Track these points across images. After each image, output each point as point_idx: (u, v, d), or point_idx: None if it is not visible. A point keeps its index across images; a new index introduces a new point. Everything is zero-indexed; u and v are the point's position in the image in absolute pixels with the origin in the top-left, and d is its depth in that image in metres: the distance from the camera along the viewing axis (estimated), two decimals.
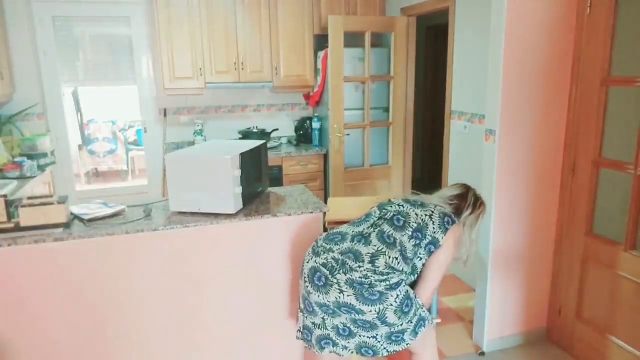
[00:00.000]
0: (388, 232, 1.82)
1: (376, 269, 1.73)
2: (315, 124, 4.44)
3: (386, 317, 1.72)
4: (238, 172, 2.01)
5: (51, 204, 1.83)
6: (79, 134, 6.16)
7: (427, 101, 5.92)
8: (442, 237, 1.82)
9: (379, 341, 1.79)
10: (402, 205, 1.91)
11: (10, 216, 1.81)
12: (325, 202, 3.75)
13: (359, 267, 1.73)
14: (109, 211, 2.03)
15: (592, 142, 2.38)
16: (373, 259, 1.75)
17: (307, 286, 1.80)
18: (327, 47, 4.01)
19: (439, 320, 2.89)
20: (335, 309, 1.75)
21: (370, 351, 1.82)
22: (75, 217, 1.98)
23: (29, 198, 1.86)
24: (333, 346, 1.86)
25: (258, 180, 2.30)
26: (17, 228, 1.80)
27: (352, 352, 1.86)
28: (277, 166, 4.14)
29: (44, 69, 3.99)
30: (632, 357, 2.25)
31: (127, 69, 4.31)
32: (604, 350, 2.41)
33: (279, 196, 2.33)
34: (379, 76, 4.22)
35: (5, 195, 1.81)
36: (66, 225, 1.86)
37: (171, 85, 4.00)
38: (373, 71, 4.16)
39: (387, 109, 4.35)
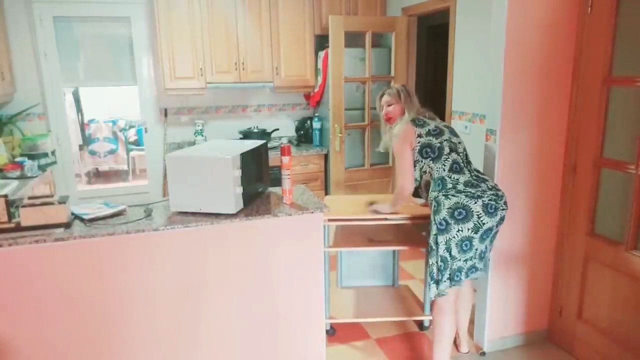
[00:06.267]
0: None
1: None
2: (316, 124, 4.44)
3: None
4: (239, 172, 2.01)
5: (52, 204, 1.83)
6: (79, 134, 6.14)
7: (427, 101, 5.89)
8: None
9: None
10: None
11: (11, 216, 1.80)
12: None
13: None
14: (109, 211, 2.03)
15: (593, 142, 2.38)
16: None
17: (484, 221, 2.14)
18: (327, 47, 4.02)
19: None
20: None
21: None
22: (76, 217, 1.98)
23: (30, 198, 1.86)
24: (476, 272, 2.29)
25: (259, 180, 2.30)
26: (18, 228, 1.80)
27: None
28: (277, 166, 4.11)
29: (45, 69, 3.99)
30: (634, 358, 2.24)
31: (127, 69, 4.31)
32: (605, 351, 2.40)
33: (280, 196, 2.33)
34: (380, 76, 4.22)
35: (6, 196, 1.81)
36: (67, 226, 1.86)
37: (172, 86, 4.00)
38: (374, 71, 4.16)
39: None
